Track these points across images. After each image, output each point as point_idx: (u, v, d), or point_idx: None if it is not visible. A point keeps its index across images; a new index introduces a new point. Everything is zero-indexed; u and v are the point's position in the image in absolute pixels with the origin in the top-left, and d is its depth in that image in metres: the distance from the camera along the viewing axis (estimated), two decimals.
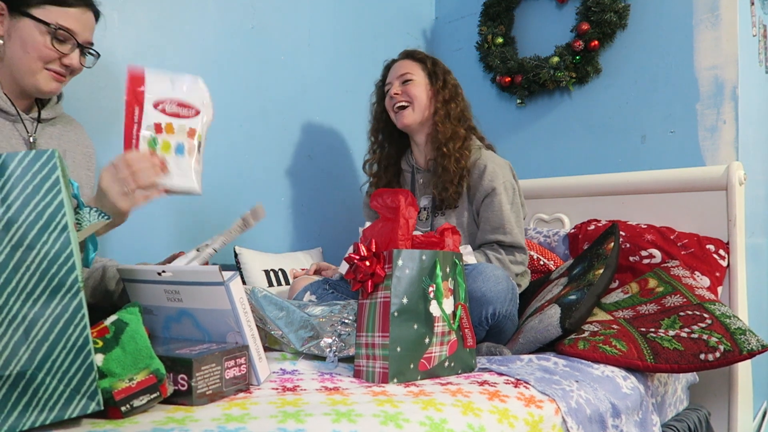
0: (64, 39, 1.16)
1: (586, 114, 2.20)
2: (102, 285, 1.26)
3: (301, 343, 1.12)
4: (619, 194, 2.01)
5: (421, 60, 1.74)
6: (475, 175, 1.64)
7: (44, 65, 1.17)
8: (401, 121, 1.71)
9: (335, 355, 1.10)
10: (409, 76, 1.71)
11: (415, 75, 1.71)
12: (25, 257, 0.70)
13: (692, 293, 1.49)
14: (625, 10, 2.08)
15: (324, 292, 1.57)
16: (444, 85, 1.71)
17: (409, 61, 1.74)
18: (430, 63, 1.73)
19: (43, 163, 0.73)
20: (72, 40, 1.17)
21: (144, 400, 0.77)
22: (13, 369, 0.68)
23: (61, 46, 1.17)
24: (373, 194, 1.20)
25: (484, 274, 1.33)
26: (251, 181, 1.94)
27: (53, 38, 1.15)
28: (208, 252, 1.13)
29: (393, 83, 1.73)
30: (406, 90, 1.70)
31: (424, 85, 1.70)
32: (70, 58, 1.18)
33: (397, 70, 1.74)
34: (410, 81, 1.70)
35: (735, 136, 1.90)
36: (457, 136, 1.66)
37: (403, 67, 1.73)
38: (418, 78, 1.71)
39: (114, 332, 0.79)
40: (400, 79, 1.71)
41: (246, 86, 1.93)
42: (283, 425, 0.73)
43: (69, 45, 1.18)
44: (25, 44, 1.14)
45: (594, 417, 1.08)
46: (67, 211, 0.73)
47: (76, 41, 1.18)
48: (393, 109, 1.72)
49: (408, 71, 1.71)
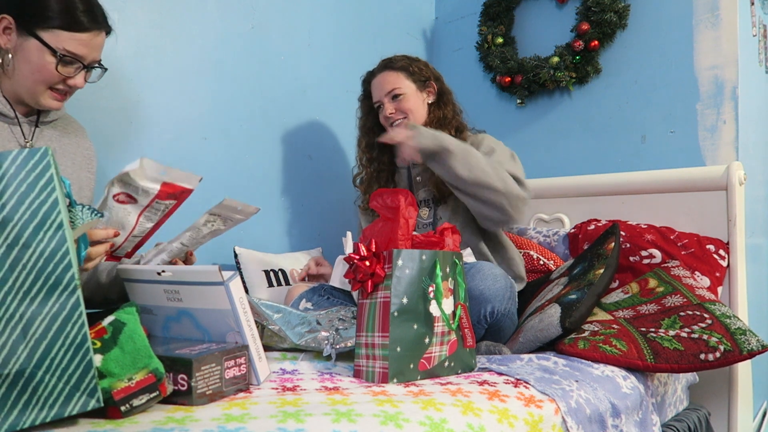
0: (70, 62, 1.15)
1: (586, 114, 2.20)
2: (93, 278, 1.25)
3: (298, 338, 1.12)
4: (619, 194, 2.01)
5: (403, 68, 1.70)
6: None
7: (47, 86, 1.16)
8: None
9: (332, 347, 1.10)
10: (397, 90, 1.68)
11: (403, 87, 1.68)
12: (21, 256, 0.70)
13: (692, 293, 1.49)
14: (625, 10, 2.08)
15: (320, 299, 1.57)
16: (426, 83, 1.70)
17: (391, 73, 1.70)
18: (412, 67, 1.70)
19: (37, 161, 0.73)
20: (78, 63, 1.16)
21: (143, 400, 0.77)
22: (12, 367, 0.68)
23: (66, 69, 1.15)
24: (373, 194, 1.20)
25: (483, 272, 1.33)
26: (251, 181, 1.94)
27: (59, 62, 1.13)
28: (175, 246, 1.11)
29: (383, 102, 1.70)
30: (400, 107, 1.68)
31: (414, 94, 1.69)
32: (75, 80, 1.17)
33: (382, 86, 1.70)
34: (400, 96, 1.68)
35: (735, 136, 1.90)
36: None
37: (388, 81, 1.69)
38: (407, 89, 1.68)
39: (112, 333, 0.79)
40: (389, 96, 1.68)
41: (246, 86, 1.93)
42: (283, 425, 0.73)
43: (75, 67, 1.16)
44: (30, 64, 1.13)
45: (594, 417, 1.07)
46: (62, 209, 0.73)
47: (82, 64, 1.16)
48: (391, 126, 1.70)
49: (395, 86, 1.68)
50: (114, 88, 1.60)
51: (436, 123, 1.69)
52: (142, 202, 1.00)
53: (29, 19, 1.11)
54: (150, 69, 1.68)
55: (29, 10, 1.11)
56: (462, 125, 1.74)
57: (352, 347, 1.11)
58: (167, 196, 1.01)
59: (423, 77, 1.70)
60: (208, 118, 1.82)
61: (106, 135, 1.55)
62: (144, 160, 0.94)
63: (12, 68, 1.15)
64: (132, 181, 0.96)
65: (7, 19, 1.12)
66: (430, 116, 1.71)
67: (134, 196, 0.98)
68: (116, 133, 1.61)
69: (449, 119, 1.71)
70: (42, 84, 1.15)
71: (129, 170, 0.94)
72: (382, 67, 1.72)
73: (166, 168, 0.97)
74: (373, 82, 1.73)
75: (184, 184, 1.01)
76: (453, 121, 1.71)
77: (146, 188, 0.97)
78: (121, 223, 1.02)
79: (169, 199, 1.02)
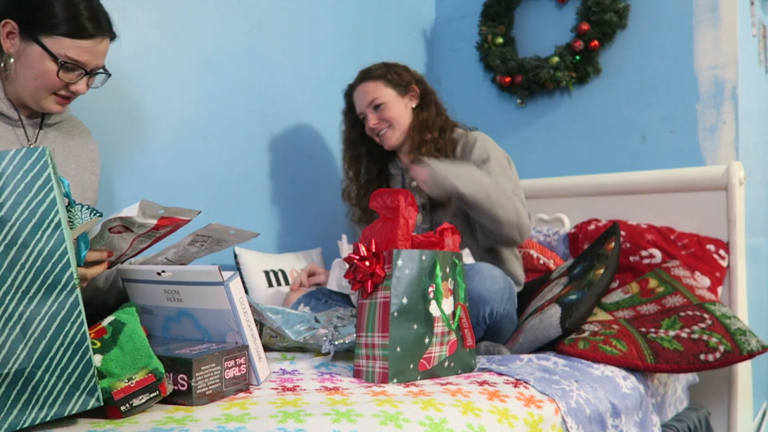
0: (72, 69, 1.14)
1: (586, 114, 2.20)
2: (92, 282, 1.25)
3: (297, 335, 1.13)
4: (619, 194, 2.01)
5: (381, 76, 1.68)
6: (465, 152, 1.64)
7: (50, 92, 1.15)
8: (388, 143, 1.70)
9: (331, 343, 1.10)
10: (378, 100, 1.66)
11: (383, 96, 1.67)
12: (19, 256, 0.70)
13: (692, 293, 1.49)
14: (625, 10, 2.08)
15: (317, 302, 1.57)
16: (407, 88, 1.69)
17: (370, 83, 1.68)
18: (390, 74, 1.68)
19: (35, 160, 0.73)
20: (81, 70, 1.15)
21: (143, 400, 0.77)
22: (12, 367, 0.68)
23: (68, 75, 1.14)
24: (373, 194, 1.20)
25: (481, 273, 1.33)
26: (251, 181, 1.94)
27: (60, 69, 1.12)
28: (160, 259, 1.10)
29: (366, 113, 1.69)
30: (383, 116, 1.67)
31: (395, 101, 1.68)
32: (77, 86, 1.16)
33: (363, 97, 1.69)
34: (382, 105, 1.66)
35: (735, 136, 1.90)
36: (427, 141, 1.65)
37: (368, 92, 1.68)
38: (387, 97, 1.67)
39: (111, 333, 0.79)
40: (371, 107, 1.67)
41: (246, 86, 1.93)
42: (283, 425, 0.73)
43: (77, 73, 1.15)
44: (33, 70, 1.12)
45: (594, 417, 1.07)
46: (60, 208, 0.73)
47: (84, 70, 1.16)
48: (376, 136, 1.70)
49: (375, 96, 1.66)
50: (114, 88, 1.60)
51: (420, 126, 1.68)
52: (138, 232, 0.99)
53: (33, 25, 1.11)
54: (150, 69, 1.68)
55: (34, 16, 1.11)
56: (447, 125, 1.72)
57: (351, 343, 1.12)
58: (163, 226, 1.00)
59: (403, 82, 1.69)
60: (208, 118, 1.82)
61: (106, 135, 1.55)
62: (143, 203, 0.92)
63: (14, 73, 1.14)
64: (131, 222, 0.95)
65: (11, 24, 1.11)
66: (414, 120, 1.69)
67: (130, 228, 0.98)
68: (116, 134, 1.61)
69: (433, 121, 1.69)
70: (44, 89, 1.14)
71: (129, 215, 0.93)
72: (360, 79, 1.71)
73: (165, 207, 0.96)
74: (354, 95, 1.72)
75: (181, 217, 1.00)
76: (437, 122, 1.70)
77: (143, 224, 0.96)
78: (114, 246, 1.01)
79: (164, 228, 1.01)
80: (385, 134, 1.68)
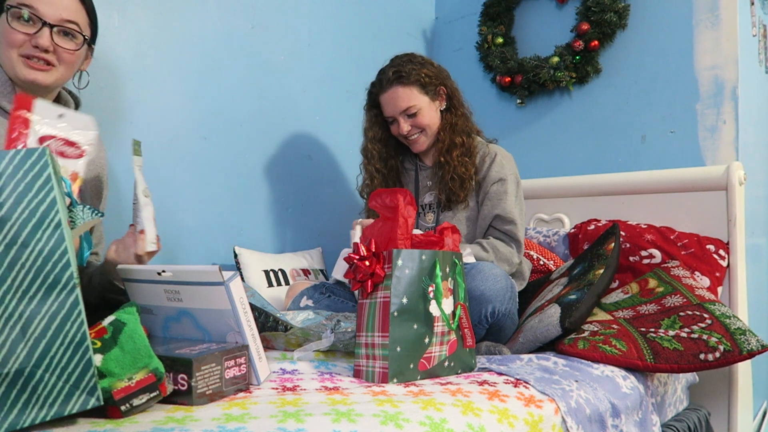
0: (28, 18, 1.10)
1: (586, 114, 2.20)
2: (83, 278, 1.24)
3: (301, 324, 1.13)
4: (619, 194, 2.01)
5: (416, 81, 1.60)
6: (485, 165, 1.64)
7: (18, 52, 1.12)
8: (419, 148, 1.69)
9: (332, 331, 1.10)
10: (413, 109, 1.61)
11: (418, 103, 1.61)
12: (19, 255, 0.70)
13: (692, 293, 1.49)
14: (625, 10, 2.08)
15: (321, 296, 1.57)
16: (437, 90, 1.65)
17: (404, 89, 1.61)
18: (423, 78, 1.61)
19: (35, 160, 0.73)
20: (36, 19, 1.11)
21: (143, 399, 0.77)
22: (12, 366, 0.68)
23: (25, 27, 1.10)
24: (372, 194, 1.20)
25: (483, 272, 1.34)
26: (251, 180, 1.94)
27: (13, 17, 1.09)
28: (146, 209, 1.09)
29: (398, 120, 1.63)
30: (416, 123, 1.63)
31: (428, 108, 1.63)
32: (38, 39, 1.11)
33: (396, 102, 1.62)
34: (416, 114, 1.62)
35: (735, 136, 1.90)
36: (457, 144, 1.64)
37: (402, 98, 1.61)
38: (422, 104, 1.62)
39: (112, 332, 0.79)
40: (405, 114, 1.62)
41: (246, 86, 1.93)
42: (283, 425, 0.73)
43: (35, 25, 1.11)
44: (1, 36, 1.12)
45: (594, 417, 1.08)
46: (60, 208, 0.73)
47: (42, 21, 1.11)
48: (405, 139, 1.67)
49: (410, 104, 1.61)
50: (114, 88, 1.60)
51: (449, 129, 1.65)
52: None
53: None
54: (150, 69, 1.68)
55: None
56: (471, 129, 1.71)
57: (353, 333, 1.12)
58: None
59: (434, 85, 1.64)
60: (208, 118, 1.82)
61: (106, 135, 1.55)
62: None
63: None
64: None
65: None
66: (443, 122, 1.67)
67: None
68: (116, 133, 1.61)
69: (462, 125, 1.67)
70: (10, 48, 1.11)
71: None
72: (394, 81, 1.62)
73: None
74: (384, 97, 1.64)
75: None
76: (465, 126, 1.68)
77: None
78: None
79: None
80: (417, 139, 1.65)
